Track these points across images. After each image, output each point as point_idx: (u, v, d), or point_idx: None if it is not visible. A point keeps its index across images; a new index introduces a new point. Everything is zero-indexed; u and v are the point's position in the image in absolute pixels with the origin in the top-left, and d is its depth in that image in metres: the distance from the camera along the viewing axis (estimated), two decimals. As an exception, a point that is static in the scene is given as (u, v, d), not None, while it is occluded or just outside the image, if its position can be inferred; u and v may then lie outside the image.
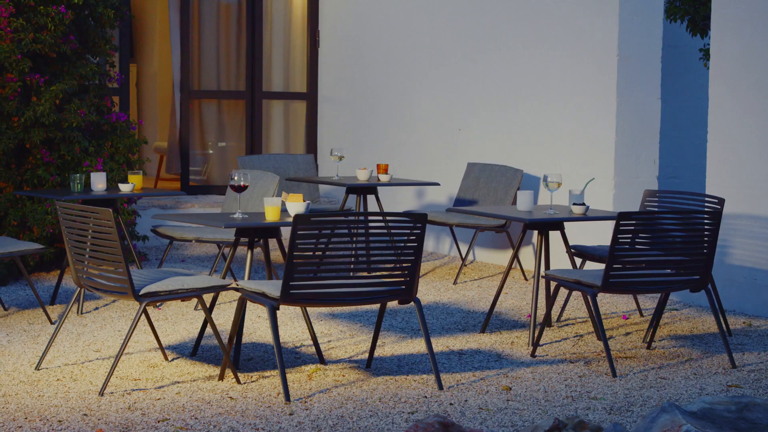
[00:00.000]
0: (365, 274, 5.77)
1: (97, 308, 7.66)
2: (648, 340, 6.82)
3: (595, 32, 8.95)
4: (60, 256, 8.89)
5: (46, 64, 8.81)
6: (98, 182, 7.69)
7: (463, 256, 9.51)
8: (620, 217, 6.10)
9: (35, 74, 8.60)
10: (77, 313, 7.47)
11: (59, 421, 5.16)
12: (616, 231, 6.08)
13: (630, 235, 6.28)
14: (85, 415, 5.25)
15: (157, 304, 7.21)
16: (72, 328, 7.05)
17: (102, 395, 5.57)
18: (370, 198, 11.71)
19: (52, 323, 7.19)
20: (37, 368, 6.06)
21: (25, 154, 8.78)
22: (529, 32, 9.51)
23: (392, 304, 7.69)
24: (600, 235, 8.66)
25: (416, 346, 6.75)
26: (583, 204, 6.88)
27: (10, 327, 7.10)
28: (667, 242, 6.39)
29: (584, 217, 6.86)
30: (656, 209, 7.42)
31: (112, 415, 5.26)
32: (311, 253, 5.60)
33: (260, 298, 5.66)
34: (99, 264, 5.77)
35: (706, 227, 6.30)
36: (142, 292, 5.63)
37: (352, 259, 5.71)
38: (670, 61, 10.35)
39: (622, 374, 6.15)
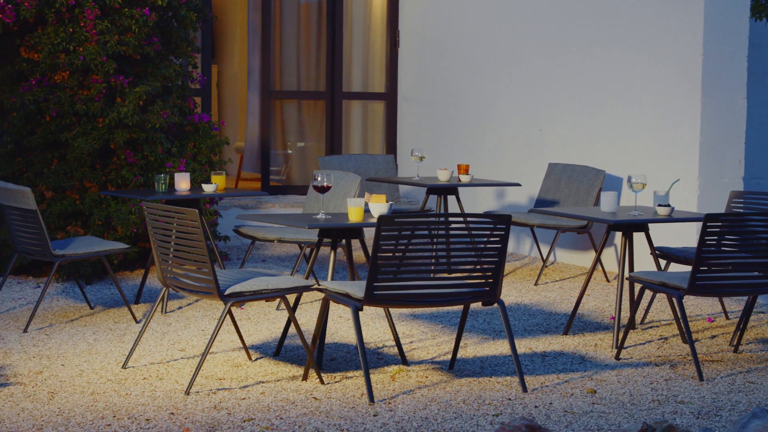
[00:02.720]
0: (446, 275, 5.75)
1: (180, 308, 7.72)
2: (735, 343, 6.72)
3: (679, 32, 8.84)
4: (143, 256, 8.98)
5: (130, 65, 8.91)
6: (182, 182, 7.76)
7: (544, 257, 9.45)
8: (707, 219, 6.01)
9: (119, 76, 8.70)
10: (161, 312, 7.54)
11: (147, 419, 5.21)
12: (703, 233, 6.00)
13: (717, 237, 6.19)
14: (172, 413, 5.30)
15: (240, 304, 7.25)
16: (156, 327, 7.12)
17: (188, 394, 5.61)
18: (451, 198, 11.68)
19: (137, 322, 7.27)
20: (124, 367, 6.13)
21: (109, 154, 8.89)
22: (612, 32, 9.43)
23: (472, 305, 7.66)
24: (683, 236, 8.56)
25: (498, 347, 6.72)
26: (669, 205, 6.79)
27: (96, 326, 7.19)
28: (755, 244, 6.29)
29: (670, 219, 6.78)
30: (743, 210, 7.31)
31: (198, 414, 5.30)
32: (395, 254, 5.59)
33: (344, 298, 5.66)
34: (182, 264, 5.81)
35: (795, 229, 6.19)
36: (227, 292, 5.66)
37: (433, 261, 5.68)
38: (752, 60, 10.19)
39: (709, 378, 6.06)
